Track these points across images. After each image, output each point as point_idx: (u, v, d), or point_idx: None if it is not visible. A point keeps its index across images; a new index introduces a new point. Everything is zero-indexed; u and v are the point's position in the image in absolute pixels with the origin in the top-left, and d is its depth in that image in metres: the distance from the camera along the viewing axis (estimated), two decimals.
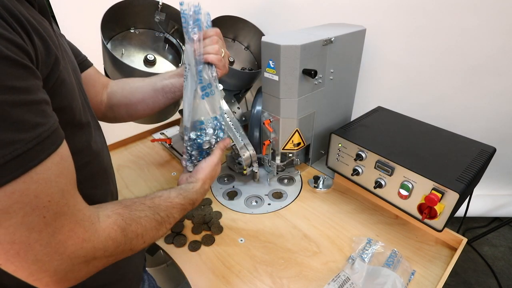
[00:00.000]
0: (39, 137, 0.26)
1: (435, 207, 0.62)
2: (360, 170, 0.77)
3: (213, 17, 0.92)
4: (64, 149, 0.30)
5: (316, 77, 0.77)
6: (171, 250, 0.70)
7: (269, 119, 0.83)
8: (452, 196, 0.61)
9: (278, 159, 0.89)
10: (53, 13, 1.21)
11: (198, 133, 0.60)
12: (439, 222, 0.65)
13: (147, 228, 0.39)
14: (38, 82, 0.28)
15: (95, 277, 0.44)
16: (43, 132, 0.27)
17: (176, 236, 0.72)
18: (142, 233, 0.38)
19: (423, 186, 0.65)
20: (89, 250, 0.31)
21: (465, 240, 0.67)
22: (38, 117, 0.27)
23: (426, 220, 0.66)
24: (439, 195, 0.62)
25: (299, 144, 0.86)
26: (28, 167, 0.26)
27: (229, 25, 1.01)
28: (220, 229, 0.74)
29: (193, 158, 0.64)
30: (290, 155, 0.92)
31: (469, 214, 0.86)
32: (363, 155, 0.74)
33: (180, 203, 0.48)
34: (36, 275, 0.29)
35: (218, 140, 0.62)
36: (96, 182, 0.44)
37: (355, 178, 0.79)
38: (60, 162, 0.29)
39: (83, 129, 0.40)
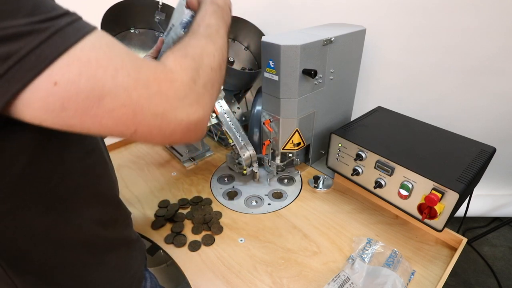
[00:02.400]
0: (77, 14, 0.28)
1: (435, 207, 0.62)
2: (360, 170, 0.77)
3: None
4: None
5: (316, 77, 0.77)
6: (171, 250, 0.70)
7: (269, 119, 0.83)
8: (452, 196, 0.61)
9: (278, 159, 0.89)
10: None
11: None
12: (439, 222, 0.65)
13: (202, 45, 0.39)
14: None
15: (98, 273, 0.45)
16: (76, 13, 0.28)
17: (176, 236, 0.72)
18: (203, 50, 0.38)
19: (423, 186, 0.65)
20: (183, 87, 0.32)
21: (465, 240, 0.67)
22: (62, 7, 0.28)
23: (426, 220, 0.66)
24: (439, 195, 0.62)
25: (299, 144, 0.86)
26: (86, 30, 0.27)
27: None
28: (220, 229, 0.74)
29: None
30: (290, 155, 0.92)
31: (469, 214, 0.86)
32: (363, 155, 0.74)
33: (203, 12, 0.46)
34: (167, 128, 0.31)
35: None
36: (100, 172, 0.44)
37: (355, 178, 0.79)
38: (107, 33, 0.30)
39: None
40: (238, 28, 1.03)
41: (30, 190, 0.34)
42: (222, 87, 0.85)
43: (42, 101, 0.25)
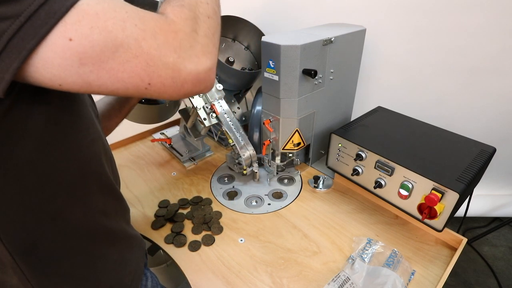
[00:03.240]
0: None
1: (435, 207, 0.62)
2: (360, 170, 0.77)
3: None
4: None
5: (316, 77, 0.77)
6: (171, 250, 0.70)
7: (269, 119, 0.83)
8: (452, 196, 0.61)
9: (278, 159, 0.89)
10: None
11: None
12: (439, 222, 0.65)
13: None
14: None
15: (101, 264, 0.46)
16: None
17: (176, 236, 0.72)
18: (196, 1, 0.37)
19: (423, 186, 0.65)
20: (187, 37, 0.32)
21: (465, 240, 0.67)
22: None
23: (426, 220, 0.66)
24: (439, 195, 0.62)
25: (299, 144, 0.86)
26: None
27: (229, 25, 1.01)
28: (220, 229, 0.74)
29: None
30: (290, 155, 0.92)
31: (469, 214, 0.86)
32: (363, 155, 0.74)
33: None
34: (179, 80, 0.32)
35: None
36: (101, 161, 0.45)
37: (355, 178, 0.79)
38: None
39: (87, 106, 0.42)
40: (238, 28, 1.03)
41: (37, 174, 0.35)
42: (222, 87, 0.85)
43: (60, 58, 0.25)
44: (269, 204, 0.83)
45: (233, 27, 1.02)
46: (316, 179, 0.89)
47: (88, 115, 0.42)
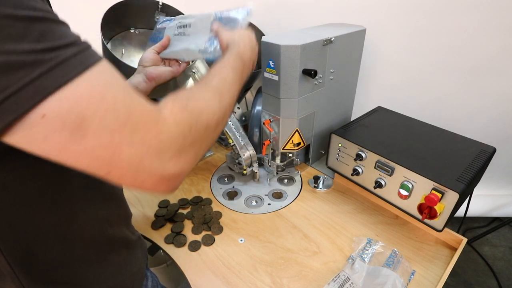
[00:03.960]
0: (84, 44, 0.28)
1: (435, 207, 0.62)
2: (360, 170, 0.77)
3: None
4: (106, 61, 0.30)
5: (316, 77, 0.77)
6: (171, 250, 0.70)
7: (269, 119, 0.83)
8: (452, 196, 0.61)
9: (278, 159, 0.89)
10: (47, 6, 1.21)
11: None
12: (439, 222, 0.65)
13: (206, 100, 0.38)
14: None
15: (102, 270, 0.45)
16: (85, 42, 0.28)
17: (176, 236, 0.72)
18: (205, 106, 0.37)
19: (423, 186, 0.65)
20: (170, 140, 0.31)
21: (465, 240, 0.67)
22: (74, 33, 0.28)
23: (426, 220, 0.66)
24: (439, 195, 0.62)
25: (299, 144, 0.86)
26: (88, 63, 0.27)
27: None
28: (220, 229, 0.74)
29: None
30: (290, 155, 0.92)
31: (469, 214, 0.86)
32: (363, 155, 0.74)
33: (225, 63, 0.46)
34: (138, 178, 0.30)
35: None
36: None
37: (355, 178, 0.79)
38: (111, 68, 0.29)
39: None
40: None
41: (38, 185, 0.35)
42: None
43: (27, 131, 0.25)
44: (269, 204, 0.83)
45: None
46: (316, 179, 0.89)
47: None
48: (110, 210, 0.46)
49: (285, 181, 0.92)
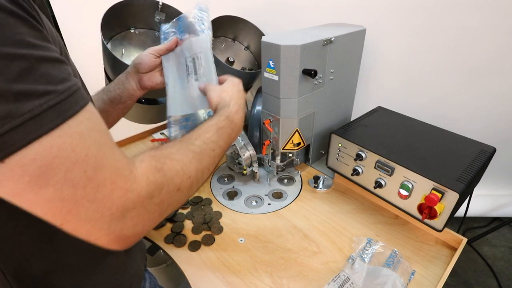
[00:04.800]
0: (69, 90, 0.26)
1: (435, 207, 0.62)
2: (360, 170, 0.77)
3: (213, 17, 0.92)
4: (92, 106, 0.29)
5: (316, 77, 0.77)
6: (171, 250, 0.70)
7: (269, 119, 0.83)
8: (452, 196, 0.61)
9: (278, 159, 0.89)
10: (53, 13, 1.21)
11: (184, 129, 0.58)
12: (439, 222, 0.65)
13: (185, 162, 0.37)
14: (55, 47, 0.28)
15: (98, 275, 0.45)
16: (71, 86, 0.27)
17: (176, 236, 0.72)
18: (182, 168, 0.36)
19: (423, 186, 0.65)
20: (136, 200, 0.30)
21: (465, 240, 0.67)
22: (64, 74, 0.27)
23: (426, 220, 0.66)
24: (439, 195, 0.62)
25: (299, 144, 0.86)
26: (65, 117, 0.25)
27: (229, 25, 1.01)
28: (220, 229, 0.74)
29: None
30: (290, 155, 0.92)
31: (469, 214, 0.86)
32: (363, 155, 0.74)
33: (213, 123, 0.45)
34: (94, 234, 0.29)
35: None
36: None
37: (355, 178, 0.79)
38: (91, 117, 0.28)
39: None
40: (238, 28, 1.03)
41: None
42: None
43: None
44: (269, 204, 0.83)
45: (233, 27, 1.02)
46: (316, 179, 0.89)
47: None
48: None
49: (285, 181, 0.92)
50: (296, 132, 0.83)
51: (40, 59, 0.25)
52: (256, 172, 0.89)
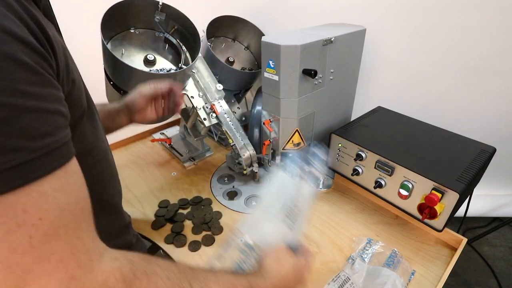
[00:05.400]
0: (46, 147, 0.24)
1: (435, 207, 0.62)
2: (360, 170, 0.77)
3: (213, 17, 0.92)
4: (72, 166, 0.26)
5: (316, 77, 0.77)
6: (171, 250, 0.70)
7: (269, 119, 0.83)
8: (452, 196, 0.61)
9: (278, 159, 0.89)
10: (53, 12, 1.21)
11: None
12: (439, 222, 0.65)
13: None
14: (56, 92, 0.26)
15: None
16: (51, 143, 0.24)
17: (176, 236, 0.72)
18: None
19: (423, 186, 0.65)
20: None
21: (465, 240, 0.67)
22: (49, 127, 0.24)
23: (426, 220, 0.66)
24: (439, 195, 0.62)
25: (299, 144, 0.86)
26: (27, 179, 0.23)
27: (229, 25, 1.01)
28: (220, 229, 0.74)
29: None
30: (290, 155, 0.92)
31: (469, 214, 0.86)
32: (363, 155, 0.74)
33: (232, 280, 0.37)
34: None
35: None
36: (104, 182, 0.44)
37: (355, 178, 0.79)
38: (64, 177, 0.25)
39: (93, 129, 0.41)
40: (238, 28, 1.03)
41: None
42: (222, 87, 0.85)
43: None
44: None
45: (233, 27, 1.02)
46: None
47: (91, 138, 0.39)
48: (110, 221, 0.46)
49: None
50: (296, 132, 0.83)
51: (24, 110, 0.23)
52: (256, 172, 0.89)
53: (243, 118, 1.06)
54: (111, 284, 0.27)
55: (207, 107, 0.83)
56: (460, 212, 0.78)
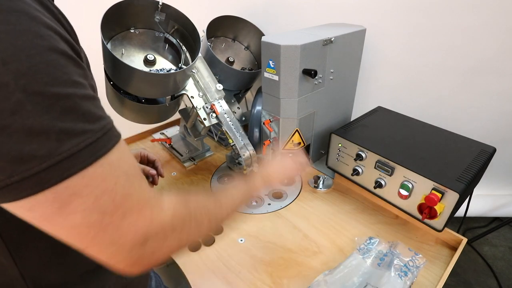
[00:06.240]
0: (104, 128, 0.28)
1: (435, 207, 0.62)
2: (360, 170, 0.77)
3: (213, 17, 0.92)
4: (123, 143, 0.31)
5: (316, 77, 0.77)
6: None
7: (269, 119, 0.83)
8: (452, 196, 0.61)
9: None
10: None
11: None
12: (439, 222, 0.65)
13: (206, 205, 0.40)
14: (92, 83, 0.31)
15: (106, 274, 0.46)
16: (106, 124, 0.28)
17: None
18: (205, 212, 0.39)
19: (423, 186, 0.65)
20: (159, 230, 0.31)
21: (465, 240, 0.67)
22: (101, 111, 0.28)
23: (426, 220, 0.66)
24: (439, 195, 0.62)
25: (299, 144, 0.86)
26: (98, 155, 0.27)
27: (229, 25, 1.01)
28: (220, 229, 0.74)
29: None
30: (290, 155, 0.92)
31: (469, 214, 0.86)
32: (363, 155, 0.74)
33: (245, 190, 0.51)
34: (114, 258, 0.30)
35: None
36: None
37: (355, 178, 0.79)
38: (122, 151, 0.30)
39: None
40: (238, 28, 1.03)
41: None
42: (222, 87, 0.85)
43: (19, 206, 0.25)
44: (269, 204, 0.83)
45: (233, 27, 1.02)
46: (316, 179, 0.89)
47: None
48: None
49: (285, 181, 0.92)
50: (296, 132, 0.83)
51: (82, 98, 0.27)
52: None
53: (243, 118, 1.06)
54: (178, 212, 0.34)
55: (207, 107, 0.83)
56: (460, 212, 0.78)
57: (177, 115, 1.03)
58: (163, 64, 0.87)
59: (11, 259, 0.35)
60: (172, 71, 0.84)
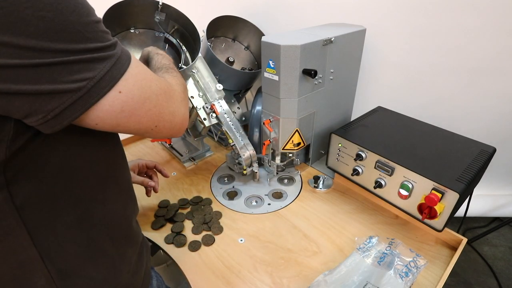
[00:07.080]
0: (117, 54, 0.34)
1: (435, 207, 0.62)
2: (360, 170, 0.77)
3: (213, 17, 0.92)
4: (134, 58, 0.38)
5: (316, 77, 0.77)
6: (171, 250, 0.70)
7: (269, 119, 0.83)
8: (452, 196, 0.61)
9: (278, 159, 0.89)
10: None
11: None
12: (439, 222, 0.65)
13: (173, 77, 0.51)
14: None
15: (123, 266, 0.48)
16: (118, 50, 0.35)
17: (176, 236, 0.72)
18: (177, 80, 0.50)
19: (423, 186, 0.65)
20: (180, 96, 0.45)
21: (465, 240, 0.67)
22: (113, 40, 0.35)
23: (426, 220, 0.66)
24: (439, 195, 0.62)
25: (299, 144, 0.86)
26: (130, 56, 0.36)
27: (229, 25, 1.01)
28: (220, 229, 0.74)
29: None
30: (290, 155, 0.92)
31: (469, 214, 0.86)
32: (363, 155, 0.74)
33: (159, 61, 0.57)
34: (174, 122, 0.43)
35: None
36: (123, 164, 0.48)
37: (355, 178, 0.79)
38: (136, 66, 0.37)
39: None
40: (238, 28, 1.03)
41: (65, 180, 0.38)
42: (222, 87, 0.85)
43: (109, 105, 0.33)
44: (269, 204, 0.83)
45: (233, 27, 1.02)
46: (316, 179, 0.89)
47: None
48: (127, 204, 0.49)
49: (285, 181, 0.92)
50: (296, 132, 0.83)
51: (99, 32, 0.33)
52: (256, 172, 0.89)
53: (243, 118, 1.06)
54: (177, 82, 0.48)
55: (207, 107, 0.83)
56: (460, 212, 0.78)
57: None
58: None
59: (30, 239, 0.37)
60: None
